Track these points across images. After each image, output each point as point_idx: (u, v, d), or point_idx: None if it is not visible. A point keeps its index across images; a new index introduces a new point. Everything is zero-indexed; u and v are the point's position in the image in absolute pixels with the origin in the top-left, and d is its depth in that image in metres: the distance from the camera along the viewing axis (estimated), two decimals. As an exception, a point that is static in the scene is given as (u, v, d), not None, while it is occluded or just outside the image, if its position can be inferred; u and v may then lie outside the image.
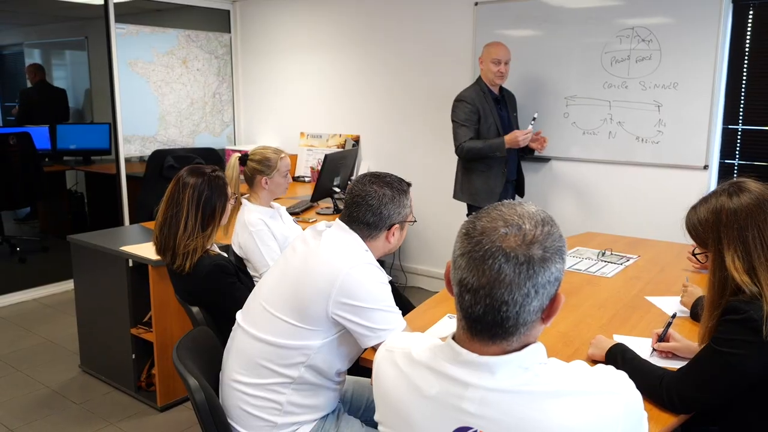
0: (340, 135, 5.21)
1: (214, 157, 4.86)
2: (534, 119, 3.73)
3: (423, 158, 4.80)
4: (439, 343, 1.12)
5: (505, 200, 1.10)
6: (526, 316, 1.01)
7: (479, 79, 3.84)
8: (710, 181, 3.68)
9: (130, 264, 3.11)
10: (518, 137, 3.65)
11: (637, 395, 1.06)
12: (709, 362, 1.50)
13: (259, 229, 2.73)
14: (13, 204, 5.60)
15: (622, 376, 1.07)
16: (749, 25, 3.48)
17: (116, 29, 4.97)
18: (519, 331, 1.03)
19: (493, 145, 3.70)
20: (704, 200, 1.60)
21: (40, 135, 5.81)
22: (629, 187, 3.95)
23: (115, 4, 4.93)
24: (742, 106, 3.57)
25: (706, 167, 3.64)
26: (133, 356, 3.19)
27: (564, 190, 4.17)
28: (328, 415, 1.83)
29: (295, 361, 1.70)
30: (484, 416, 1.02)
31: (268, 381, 1.72)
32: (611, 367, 1.10)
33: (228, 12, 5.75)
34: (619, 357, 1.71)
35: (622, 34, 3.80)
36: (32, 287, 4.77)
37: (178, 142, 5.49)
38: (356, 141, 5.11)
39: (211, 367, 1.88)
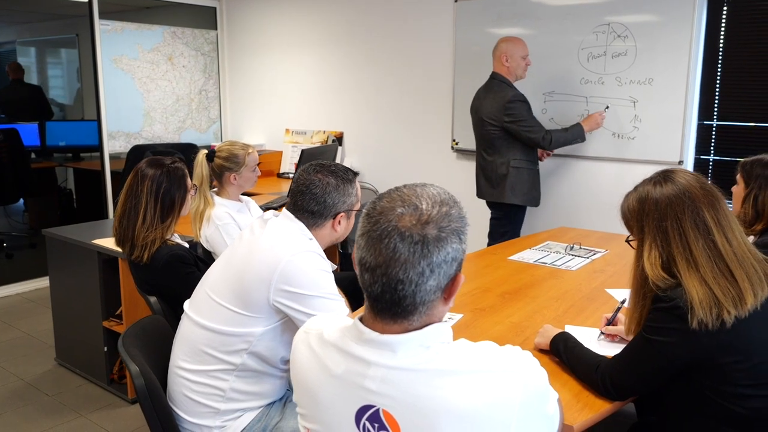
0: (324, 131, 5.22)
1: (195, 153, 4.86)
2: (607, 108, 3.66)
3: (405, 153, 4.79)
4: (349, 324, 1.13)
5: (409, 183, 1.11)
6: (423, 295, 1.02)
7: (502, 76, 3.62)
8: (685, 176, 3.67)
9: (111, 257, 3.13)
10: (598, 119, 3.42)
11: (540, 375, 1.06)
12: (640, 350, 1.51)
13: (225, 222, 2.75)
14: (0, 199, 5.63)
15: (526, 355, 1.07)
16: (723, 21, 3.47)
17: (101, 26, 5.00)
18: (418, 310, 1.04)
19: (575, 132, 3.45)
20: (635, 188, 1.61)
21: (29, 132, 5.83)
22: (604, 182, 3.94)
23: (100, 2, 4.95)
24: (716, 101, 3.56)
25: (681, 163, 3.64)
26: (105, 349, 3.20)
27: (540, 185, 4.16)
28: (274, 402, 1.84)
29: (237, 348, 1.72)
30: (384, 394, 1.04)
31: (211, 368, 1.73)
32: (517, 347, 1.10)
33: (214, 9, 5.77)
34: (562, 345, 1.73)
35: (599, 30, 3.81)
36: (17, 282, 4.81)
37: (163, 139, 5.50)
38: (339, 137, 5.12)
39: (161, 355, 1.89)
